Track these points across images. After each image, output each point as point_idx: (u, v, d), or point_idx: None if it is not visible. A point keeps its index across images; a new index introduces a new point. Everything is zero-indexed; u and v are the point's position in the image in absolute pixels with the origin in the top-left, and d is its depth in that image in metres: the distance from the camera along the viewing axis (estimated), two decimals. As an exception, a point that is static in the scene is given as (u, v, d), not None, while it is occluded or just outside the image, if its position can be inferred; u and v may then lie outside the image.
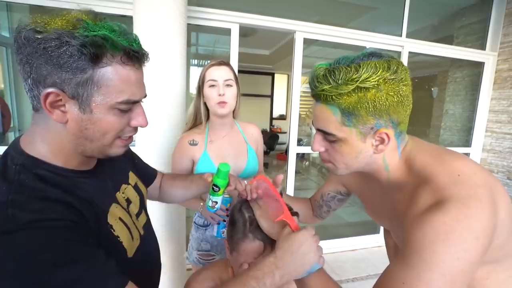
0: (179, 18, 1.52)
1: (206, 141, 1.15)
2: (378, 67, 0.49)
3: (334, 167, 0.61)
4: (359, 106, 0.50)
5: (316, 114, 0.57)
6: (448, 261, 0.44)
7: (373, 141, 0.55)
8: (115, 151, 0.55)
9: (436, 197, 0.48)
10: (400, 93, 0.51)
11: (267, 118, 7.91)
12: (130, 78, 0.49)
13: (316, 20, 2.34)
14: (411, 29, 2.62)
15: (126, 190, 0.66)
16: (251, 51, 5.17)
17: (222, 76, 1.09)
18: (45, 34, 0.42)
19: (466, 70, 3.10)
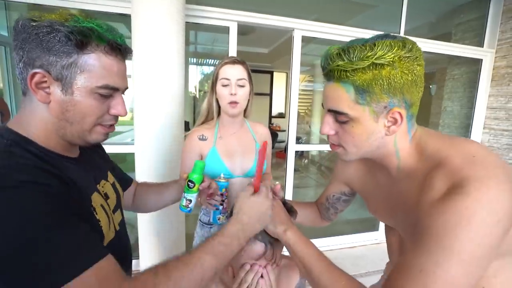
0: (177, 16, 1.52)
1: (215, 137, 1.15)
2: (393, 45, 0.49)
3: (344, 151, 0.59)
4: (373, 83, 0.49)
5: (328, 93, 0.56)
6: (469, 247, 0.42)
7: (386, 122, 0.53)
8: (95, 137, 0.58)
9: (453, 179, 0.46)
10: (414, 72, 0.50)
11: (266, 116, 7.91)
12: (112, 67, 0.54)
13: (315, 18, 2.34)
14: (409, 26, 2.62)
15: (105, 186, 0.68)
16: (250, 50, 5.16)
17: (235, 75, 1.09)
18: (39, 22, 0.48)
19: (464, 67, 3.11)
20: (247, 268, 0.65)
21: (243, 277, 0.65)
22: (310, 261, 0.58)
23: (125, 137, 3.21)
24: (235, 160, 1.15)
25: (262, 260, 0.66)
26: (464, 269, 0.42)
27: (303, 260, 0.59)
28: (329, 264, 0.57)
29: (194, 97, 5.05)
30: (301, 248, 0.60)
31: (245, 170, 1.16)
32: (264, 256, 0.66)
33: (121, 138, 3.22)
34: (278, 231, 0.63)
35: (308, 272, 0.58)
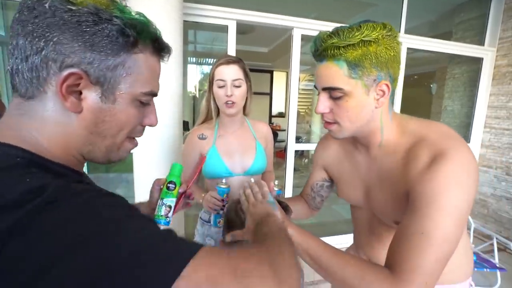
0: (174, 14, 1.51)
1: (215, 136, 1.16)
2: (376, 26, 0.56)
3: (339, 128, 0.64)
4: (363, 58, 0.56)
5: (322, 73, 0.60)
6: (459, 204, 0.50)
7: (375, 95, 0.60)
8: (121, 154, 0.48)
9: (435, 150, 0.55)
10: (395, 49, 0.58)
11: (266, 115, 7.90)
12: (156, 70, 0.47)
13: (314, 17, 2.33)
14: (410, 25, 2.61)
15: None
16: (250, 49, 5.15)
17: (231, 76, 1.08)
18: (81, 7, 0.36)
19: (465, 66, 3.09)
20: None
21: None
22: (316, 251, 0.60)
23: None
24: (235, 158, 1.15)
25: None
26: (456, 224, 0.51)
27: (309, 251, 0.61)
28: (335, 249, 0.60)
29: (193, 96, 5.04)
30: (303, 240, 0.62)
31: (245, 168, 1.16)
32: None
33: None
34: None
35: (316, 261, 0.60)
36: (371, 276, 0.53)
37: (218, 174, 1.13)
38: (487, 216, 2.92)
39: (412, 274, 0.50)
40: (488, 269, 1.93)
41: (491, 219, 2.87)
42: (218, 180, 1.07)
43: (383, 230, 0.76)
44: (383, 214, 0.70)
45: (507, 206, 2.73)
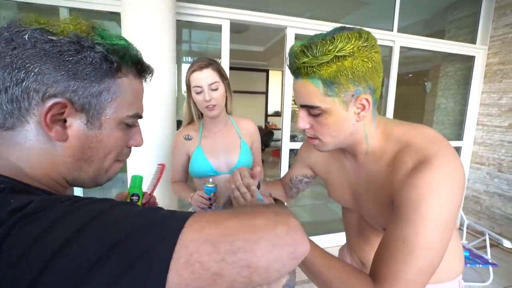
0: (168, 14, 1.50)
1: (200, 136, 1.20)
2: (351, 37, 0.52)
3: (321, 143, 0.63)
4: (339, 75, 0.53)
5: (298, 90, 0.59)
6: (441, 212, 0.49)
7: (355, 109, 0.58)
8: (110, 176, 0.48)
9: (420, 156, 0.53)
10: (373, 59, 0.54)
11: (262, 115, 7.90)
12: (139, 92, 0.47)
13: (308, 16, 2.33)
14: (403, 24, 2.62)
15: None
16: (245, 48, 5.14)
17: (207, 81, 1.08)
18: (61, 37, 0.36)
19: (458, 64, 3.12)
20: None
21: None
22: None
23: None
24: (220, 157, 1.19)
25: None
26: (438, 233, 0.49)
27: None
28: (322, 251, 0.61)
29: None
30: None
31: (230, 166, 1.19)
32: None
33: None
34: None
35: (303, 261, 0.60)
36: (354, 282, 0.54)
37: (204, 173, 1.17)
38: (480, 213, 2.96)
39: (393, 283, 0.49)
40: (480, 265, 1.96)
41: (484, 215, 2.91)
42: (205, 179, 1.12)
43: (372, 233, 0.76)
44: (372, 219, 0.71)
45: (499, 202, 2.76)
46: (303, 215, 3.54)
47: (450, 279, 0.73)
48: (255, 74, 7.39)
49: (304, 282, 1.98)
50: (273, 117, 7.99)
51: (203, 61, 1.10)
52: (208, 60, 1.11)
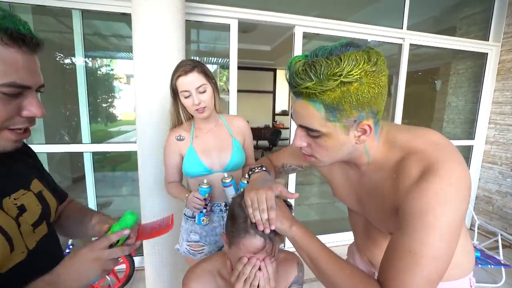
0: (177, 14, 1.53)
1: (192, 136, 1.21)
2: (359, 59, 0.49)
3: (317, 161, 0.62)
4: (343, 101, 0.50)
5: (298, 110, 0.56)
6: (446, 221, 0.49)
7: (356, 133, 0.56)
8: (2, 145, 0.50)
9: (425, 164, 0.52)
10: (380, 84, 0.51)
11: (269, 113, 7.90)
12: (16, 61, 0.46)
13: (316, 14, 2.32)
14: (413, 21, 2.59)
15: (22, 196, 0.58)
16: (253, 47, 5.15)
17: (193, 85, 1.08)
18: None
19: (469, 61, 3.06)
20: (245, 261, 0.66)
21: (241, 270, 0.65)
22: (316, 253, 0.61)
23: (130, 136, 3.25)
24: (212, 156, 1.20)
25: (260, 254, 0.67)
26: (444, 242, 0.49)
27: (309, 253, 0.61)
28: (334, 255, 0.60)
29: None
30: (307, 241, 0.63)
31: (223, 165, 1.20)
32: (264, 250, 0.66)
33: (126, 138, 3.26)
34: (284, 227, 0.65)
35: (314, 263, 0.61)
36: (363, 286, 0.53)
37: (198, 173, 1.18)
38: (491, 213, 2.90)
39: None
40: (492, 266, 1.93)
41: (496, 215, 2.85)
42: (200, 179, 1.14)
43: (379, 236, 0.76)
44: (378, 224, 0.70)
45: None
46: (310, 214, 3.54)
47: (461, 276, 0.72)
48: (263, 73, 7.39)
49: (311, 280, 1.99)
50: (281, 116, 7.98)
51: (188, 65, 1.09)
52: (192, 62, 1.10)
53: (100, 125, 3.05)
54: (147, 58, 1.51)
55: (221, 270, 0.80)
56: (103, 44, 2.99)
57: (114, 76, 3.15)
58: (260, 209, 0.66)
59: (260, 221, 0.65)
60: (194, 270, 0.80)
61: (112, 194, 3.22)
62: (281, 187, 0.70)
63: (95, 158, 2.23)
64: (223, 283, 0.79)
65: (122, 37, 2.98)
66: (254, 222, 0.66)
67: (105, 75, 3.11)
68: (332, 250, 0.62)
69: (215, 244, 1.26)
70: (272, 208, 0.66)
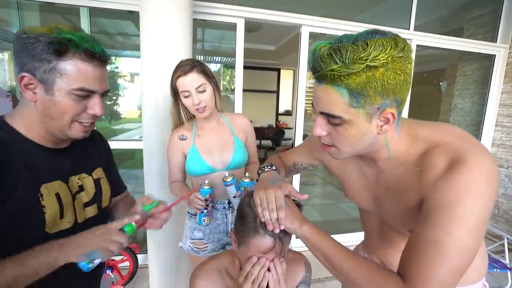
0: (185, 12, 1.53)
1: (194, 136, 1.22)
2: (386, 45, 0.48)
3: (337, 151, 0.60)
4: (367, 86, 0.49)
5: (320, 96, 0.55)
6: (476, 214, 0.47)
7: (378, 122, 0.54)
8: (74, 133, 0.66)
9: (452, 155, 0.51)
10: (406, 72, 0.50)
11: (273, 113, 7.89)
12: (87, 72, 0.62)
13: (323, 14, 2.32)
14: (420, 22, 2.57)
15: (84, 179, 0.75)
16: (257, 47, 5.15)
17: (193, 85, 1.09)
18: (28, 34, 0.58)
19: (476, 63, 3.03)
20: (254, 260, 0.65)
21: (250, 270, 0.65)
22: (330, 250, 0.60)
23: (134, 134, 3.25)
24: (214, 155, 1.20)
25: (270, 254, 0.66)
26: (472, 234, 0.48)
27: (323, 250, 0.61)
28: (348, 251, 0.60)
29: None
30: (319, 239, 0.62)
31: (226, 163, 1.20)
32: (273, 250, 0.66)
33: (129, 136, 3.27)
34: (295, 226, 0.65)
35: (329, 261, 0.60)
36: (381, 280, 0.52)
37: (200, 172, 1.19)
38: (497, 216, 2.87)
39: (423, 283, 0.48)
40: (498, 270, 1.91)
41: (502, 219, 2.82)
42: (203, 177, 1.15)
43: (396, 236, 0.73)
44: (396, 223, 0.68)
45: (518, 206, 2.68)
46: (313, 214, 3.53)
47: (476, 281, 0.71)
48: (267, 73, 7.38)
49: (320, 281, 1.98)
50: (284, 116, 7.97)
51: (187, 65, 1.09)
52: (191, 62, 1.11)
53: (104, 122, 3.06)
54: (154, 55, 1.51)
55: (229, 269, 0.80)
56: (109, 42, 3.00)
57: (119, 74, 3.16)
58: (269, 209, 0.65)
59: (269, 221, 0.65)
60: (202, 268, 0.80)
61: (116, 191, 3.23)
62: (290, 187, 0.69)
63: (100, 155, 2.24)
64: (231, 282, 0.78)
65: (127, 36, 2.99)
66: (263, 221, 0.66)
67: (110, 73, 3.12)
68: (346, 247, 0.61)
69: (218, 242, 1.26)
70: (281, 207, 0.65)
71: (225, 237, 1.26)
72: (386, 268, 0.56)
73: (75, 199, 0.71)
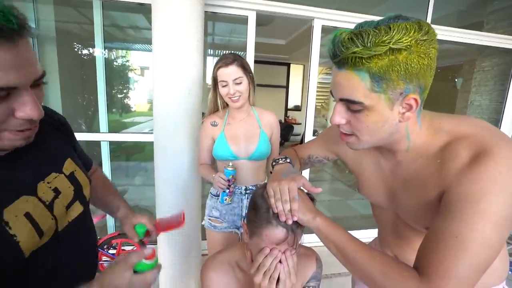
0: (197, 5, 1.51)
1: (224, 123, 1.34)
2: (410, 28, 0.46)
3: (357, 140, 0.58)
4: (390, 70, 0.48)
5: (340, 82, 0.53)
6: (501, 209, 0.45)
7: (400, 109, 0.53)
8: (8, 144, 0.45)
9: (478, 147, 0.49)
10: (430, 56, 0.48)
11: (282, 108, 7.84)
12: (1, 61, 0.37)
13: (336, 7, 2.26)
14: (437, 15, 2.48)
15: (54, 180, 0.58)
16: (267, 41, 5.10)
17: (231, 76, 1.21)
18: None
19: (495, 58, 2.92)
20: (266, 252, 0.65)
21: (262, 261, 0.64)
22: (343, 242, 0.59)
23: (144, 127, 3.29)
24: (240, 144, 1.31)
25: (282, 245, 0.66)
26: (497, 230, 0.45)
27: (336, 242, 0.60)
28: (361, 243, 0.59)
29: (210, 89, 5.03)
30: (332, 231, 0.62)
31: (249, 153, 1.31)
32: (286, 241, 0.65)
33: (139, 129, 3.31)
34: (308, 218, 0.65)
35: (342, 253, 0.59)
36: (395, 273, 0.51)
37: (225, 157, 1.30)
38: (513, 217, 2.79)
39: (442, 278, 0.46)
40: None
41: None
42: (226, 162, 1.26)
43: (411, 234, 0.71)
44: (411, 219, 0.66)
45: (536, 207, 2.59)
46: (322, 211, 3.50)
47: (496, 284, 0.69)
48: (276, 68, 7.32)
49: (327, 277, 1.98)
50: (293, 112, 7.91)
51: (229, 58, 1.22)
52: (233, 56, 1.23)
53: (115, 115, 3.10)
54: (166, 48, 1.51)
55: (240, 262, 0.80)
56: (120, 36, 3.02)
57: (130, 68, 3.19)
58: (282, 200, 0.65)
59: (282, 212, 0.65)
60: (213, 260, 0.81)
61: (126, 183, 3.29)
62: (304, 180, 0.69)
63: (110, 147, 2.28)
64: (241, 275, 0.79)
65: (138, 29, 3.00)
66: (276, 212, 0.66)
67: (121, 67, 3.15)
68: (359, 239, 0.60)
69: (233, 223, 1.38)
70: (294, 199, 0.65)
71: (239, 220, 1.39)
72: (401, 261, 0.54)
73: (54, 207, 0.55)
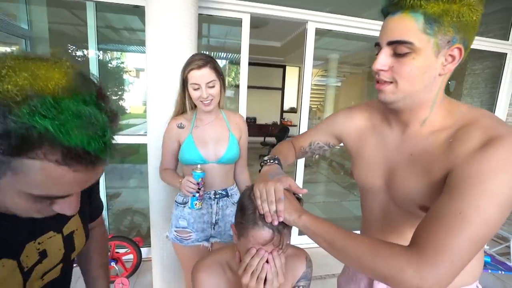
0: (191, 8, 1.52)
1: (192, 126, 1.26)
2: None
3: (393, 88, 0.60)
4: (444, 15, 0.52)
5: (392, 25, 0.56)
6: (506, 191, 0.47)
7: (443, 60, 0.56)
8: (24, 214, 0.43)
9: (490, 133, 0.51)
10: (477, 13, 0.53)
11: (277, 111, 7.87)
12: (62, 178, 0.37)
13: (329, 10, 2.29)
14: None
15: (48, 240, 0.54)
16: (263, 43, 5.12)
17: (204, 79, 1.13)
18: None
19: (486, 61, 2.97)
20: (253, 252, 0.66)
21: (249, 262, 0.65)
22: (331, 233, 0.60)
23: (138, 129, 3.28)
24: (209, 147, 1.24)
25: (268, 246, 0.66)
26: (499, 210, 0.47)
27: (324, 235, 0.61)
28: (349, 231, 0.60)
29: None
30: (319, 225, 0.62)
31: (218, 156, 1.25)
32: (271, 242, 0.66)
33: (134, 131, 3.29)
34: (294, 218, 0.65)
35: (331, 244, 0.60)
36: (386, 251, 0.51)
37: (193, 161, 1.23)
38: (504, 218, 2.83)
39: (437, 250, 0.47)
40: (503, 272, 1.88)
41: (508, 220, 2.78)
42: (193, 167, 1.17)
43: (401, 223, 0.71)
44: (407, 199, 0.66)
45: (526, 208, 2.63)
46: (316, 212, 3.52)
47: (469, 283, 0.69)
48: (272, 70, 7.36)
49: (321, 278, 1.98)
50: (289, 113, 7.95)
51: (201, 60, 1.14)
52: (205, 58, 1.15)
53: (110, 117, 3.08)
54: (160, 50, 1.51)
55: (230, 262, 0.81)
56: (115, 37, 3.02)
57: (124, 69, 3.18)
58: (268, 201, 0.65)
59: (268, 213, 0.65)
60: (204, 262, 0.81)
61: (120, 185, 3.27)
62: (290, 181, 0.69)
63: (105, 149, 2.25)
64: (232, 275, 0.79)
65: (133, 31, 3.00)
66: (262, 213, 0.66)
67: (116, 68, 3.14)
68: (344, 229, 0.61)
69: (202, 233, 1.28)
70: (280, 200, 0.65)
71: (209, 228, 1.29)
72: (388, 241, 0.55)
73: (31, 275, 0.50)
